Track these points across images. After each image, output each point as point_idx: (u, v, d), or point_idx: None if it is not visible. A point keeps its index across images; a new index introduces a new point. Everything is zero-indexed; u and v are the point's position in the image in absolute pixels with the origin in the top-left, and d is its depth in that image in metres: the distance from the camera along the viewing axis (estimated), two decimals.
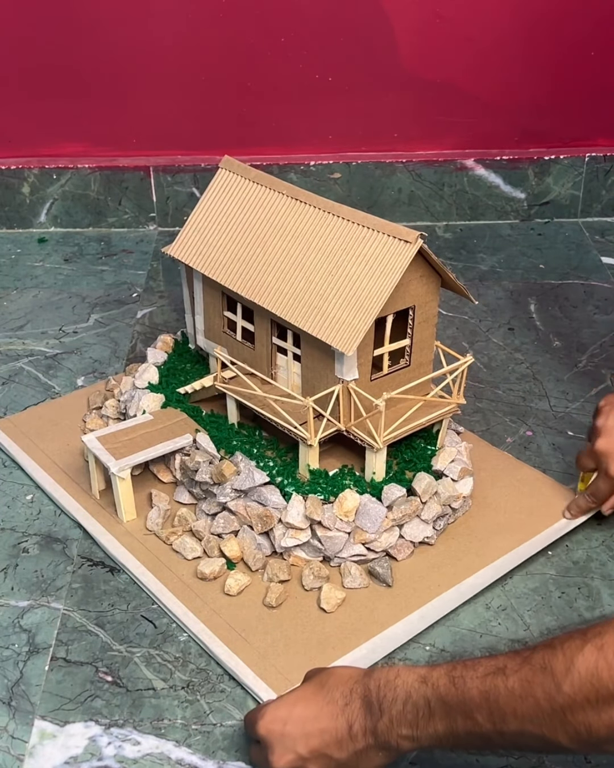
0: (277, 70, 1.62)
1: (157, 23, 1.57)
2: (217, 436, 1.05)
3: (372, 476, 0.99)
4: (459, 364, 1.02)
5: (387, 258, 0.91)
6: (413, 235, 0.89)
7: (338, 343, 0.91)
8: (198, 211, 1.07)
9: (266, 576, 0.96)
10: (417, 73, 1.62)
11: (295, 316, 0.95)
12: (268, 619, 0.92)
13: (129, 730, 0.83)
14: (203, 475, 1.00)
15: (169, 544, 1.00)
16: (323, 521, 0.95)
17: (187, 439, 1.04)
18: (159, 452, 1.03)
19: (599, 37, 1.61)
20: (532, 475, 1.10)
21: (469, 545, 1.00)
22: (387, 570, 0.96)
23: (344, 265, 0.94)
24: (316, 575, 0.95)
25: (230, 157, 1.07)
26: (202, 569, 0.96)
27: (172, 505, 1.05)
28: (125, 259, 1.64)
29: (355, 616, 0.92)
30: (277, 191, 1.01)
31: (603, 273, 1.57)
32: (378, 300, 0.90)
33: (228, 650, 0.88)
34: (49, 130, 1.67)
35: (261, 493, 0.97)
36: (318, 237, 0.96)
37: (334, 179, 1.68)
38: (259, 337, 1.03)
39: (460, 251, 1.65)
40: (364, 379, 0.96)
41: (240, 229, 1.03)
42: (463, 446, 1.06)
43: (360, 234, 0.93)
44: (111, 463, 1.00)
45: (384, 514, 0.96)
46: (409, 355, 1.00)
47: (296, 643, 0.89)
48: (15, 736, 0.82)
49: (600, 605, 0.94)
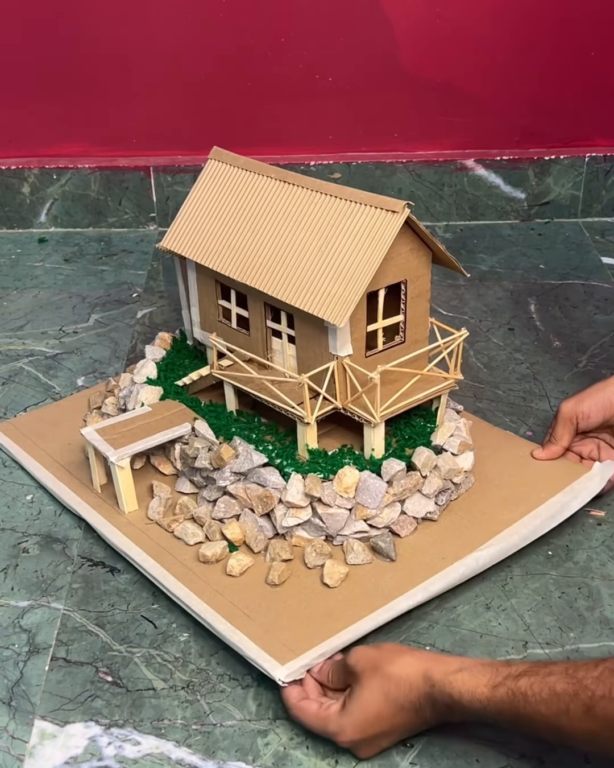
0: (276, 70, 1.62)
1: (157, 23, 1.57)
2: (215, 424, 1.05)
3: (371, 453, 0.99)
4: (454, 337, 1.01)
5: (375, 229, 0.91)
6: (400, 205, 0.90)
7: (329, 315, 0.91)
8: (189, 202, 1.08)
9: (269, 556, 0.96)
10: (417, 73, 1.62)
11: (287, 294, 0.95)
12: (271, 596, 0.92)
13: (129, 730, 0.83)
14: (202, 461, 1.00)
15: (171, 532, 1.00)
16: (323, 498, 0.95)
17: (186, 427, 1.04)
18: (158, 441, 1.03)
19: (599, 37, 1.61)
20: (534, 449, 1.09)
21: (473, 519, 0.99)
22: (390, 544, 0.95)
23: (333, 240, 0.94)
24: (319, 552, 0.95)
25: (219, 148, 1.07)
26: (203, 552, 0.96)
27: (173, 495, 1.05)
28: (125, 259, 1.64)
29: (359, 590, 0.92)
30: (265, 175, 1.02)
31: (603, 273, 1.57)
32: (368, 271, 0.91)
33: (230, 626, 0.88)
34: (49, 130, 1.67)
35: (260, 474, 0.97)
36: (307, 215, 0.97)
37: (334, 179, 1.68)
38: (253, 321, 1.04)
39: (460, 251, 1.65)
40: (359, 355, 0.96)
41: (231, 215, 1.03)
42: (462, 422, 1.06)
43: (348, 209, 0.94)
44: (109, 452, 1.00)
45: (385, 489, 0.96)
46: (404, 331, 1.00)
47: (300, 618, 0.89)
48: (15, 736, 0.82)
49: (600, 605, 0.94)
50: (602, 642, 0.90)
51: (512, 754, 0.80)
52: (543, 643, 0.90)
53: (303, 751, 0.81)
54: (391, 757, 0.80)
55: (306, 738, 0.82)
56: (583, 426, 1.05)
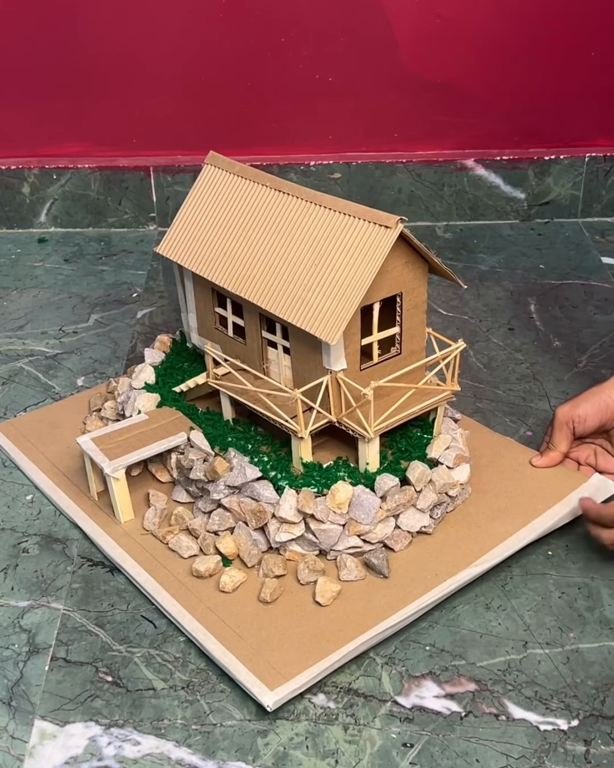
0: (277, 70, 1.62)
1: (157, 23, 1.57)
2: (211, 434, 1.05)
3: (365, 467, 0.99)
4: (451, 350, 1.01)
5: (368, 244, 0.91)
6: (393, 220, 0.89)
7: (321, 332, 0.91)
8: (185, 208, 1.08)
9: (261, 571, 0.96)
10: (417, 73, 1.62)
11: (280, 308, 0.95)
12: (262, 614, 0.92)
13: (129, 730, 0.83)
14: (197, 473, 1.00)
15: (166, 543, 1.00)
16: (316, 514, 0.94)
17: (182, 437, 1.04)
18: (153, 451, 1.03)
19: (599, 37, 1.61)
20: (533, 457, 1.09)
21: (468, 532, 0.99)
22: (383, 561, 0.95)
23: (327, 254, 0.94)
24: (311, 569, 0.95)
25: (215, 153, 1.07)
26: (197, 567, 0.96)
27: (170, 505, 1.05)
28: (125, 259, 1.64)
29: (351, 608, 0.92)
30: (260, 184, 1.02)
31: (603, 273, 1.57)
32: (361, 287, 0.90)
33: (222, 647, 0.88)
34: (49, 130, 1.67)
35: (253, 489, 0.97)
36: (301, 228, 0.96)
37: (334, 179, 1.68)
38: (249, 331, 1.03)
39: (460, 251, 1.65)
40: (354, 368, 0.96)
41: (226, 224, 1.03)
42: (459, 433, 1.05)
43: (342, 222, 0.93)
44: (105, 463, 1.00)
45: (378, 505, 0.95)
46: (400, 343, 0.99)
47: (290, 638, 0.89)
48: (15, 736, 0.82)
49: (600, 605, 0.94)
50: (602, 642, 0.90)
51: (512, 754, 0.80)
52: (543, 643, 0.90)
53: (303, 751, 0.81)
54: (391, 757, 0.80)
55: (306, 738, 0.82)
56: (580, 430, 1.05)
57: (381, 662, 0.89)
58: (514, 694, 0.85)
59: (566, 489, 1.03)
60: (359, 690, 0.86)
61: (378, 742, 0.82)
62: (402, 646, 0.90)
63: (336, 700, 0.85)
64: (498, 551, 0.96)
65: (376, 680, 0.87)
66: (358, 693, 0.86)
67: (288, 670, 0.85)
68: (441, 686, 0.86)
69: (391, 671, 0.88)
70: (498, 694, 0.85)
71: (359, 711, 0.84)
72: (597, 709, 0.84)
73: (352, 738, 0.82)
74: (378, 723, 0.83)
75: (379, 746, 0.81)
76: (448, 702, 0.85)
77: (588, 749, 0.80)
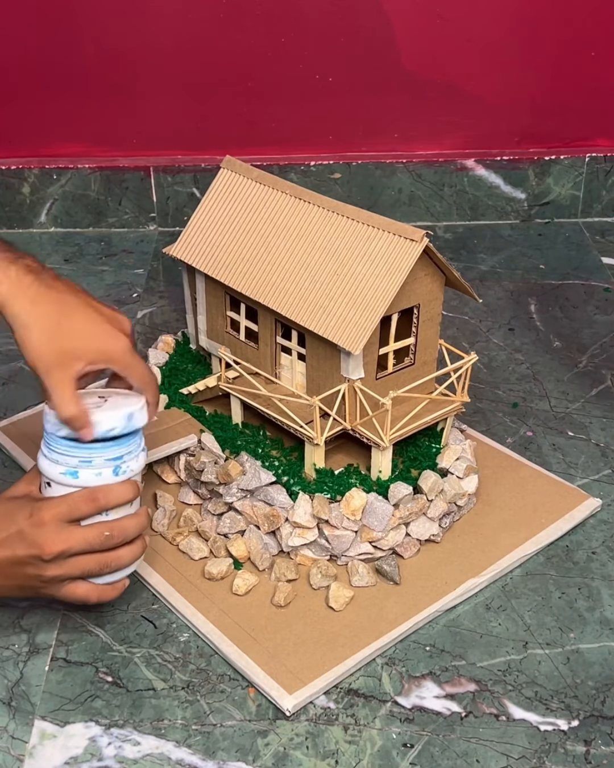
0: (277, 70, 1.62)
1: (157, 23, 1.57)
2: (221, 436, 1.05)
3: (378, 475, 0.99)
4: (463, 362, 1.02)
5: (393, 257, 0.91)
6: (419, 234, 0.90)
7: (345, 342, 0.91)
8: (200, 211, 1.07)
9: (274, 575, 0.96)
10: (418, 73, 1.62)
11: (301, 315, 0.95)
12: (276, 618, 0.92)
13: (129, 730, 0.83)
14: (209, 476, 1.00)
15: (176, 545, 1.00)
16: (330, 520, 0.95)
17: (192, 439, 1.04)
18: (164, 453, 1.03)
19: (599, 37, 1.61)
20: (534, 473, 1.10)
21: (475, 542, 1.00)
22: (395, 568, 0.96)
23: (349, 264, 0.94)
24: (324, 574, 0.95)
25: (232, 157, 1.07)
26: (209, 569, 0.96)
27: (177, 506, 1.05)
28: (125, 259, 1.64)
29: (364, 614, 0.92)
30: (280, 191, 1.01)
31: (603, 273, 1.57)
32: (384, 299, 0.90)
33: (238, 650, 0.88)
34: (49, 130, 1.67)
35: (267, 493, 0.97)
36: (322, 236, 0.96)
37: (334, 179, 1.68)
38: (262, 336, 1.03)
39: (460, 251, 1.65)
40: (370, 377, 0.96)
41: (243, 229, 1.03)
42: (467, 444, 1.06)
43: (365, 233, 0.93)
44: None
45: (391, 513, 0.96)
46: (414, 353, 1.00)
47: (305, 642, 0.89)
48: (15, 736, 0.82)
49: (601, 605, 0.94)
50: (602, 642, 0.90)
51: (512, 755, 0.80)
52: (543, 644, 0.90)
53: (303, 751, 0.81)
54: (391, 757, 0.80)
55: (306, 738, 0.82)
56: None
57: (381, 662, 0.89)
58: (514, 694, 0.85)
59: (568, 505, 1.05)
60: (359, 690, 0.86)
61: (379, 742, 0.82)
62: (402, 646, 0.90)
63: (337, 700, 0.85)
64: (504, 562, 0.97)
65: (376, 680, 0.87)
66: (358, 693, 0.86)
67: (305, 674, 0.85)
68: (442, 686, 0.86)
69: (391, 671, 0.88)
70: (498, 695, 0.85)
71: (359, 711, 0.84)
72: (598, 709, 0.84)
73: (352, 738, 0.82)
74: (379, 723, 0.83)
75: (379, 746, 0.81)
76: (448, 702, 0.85)
77: (589, 749, 0.80)
